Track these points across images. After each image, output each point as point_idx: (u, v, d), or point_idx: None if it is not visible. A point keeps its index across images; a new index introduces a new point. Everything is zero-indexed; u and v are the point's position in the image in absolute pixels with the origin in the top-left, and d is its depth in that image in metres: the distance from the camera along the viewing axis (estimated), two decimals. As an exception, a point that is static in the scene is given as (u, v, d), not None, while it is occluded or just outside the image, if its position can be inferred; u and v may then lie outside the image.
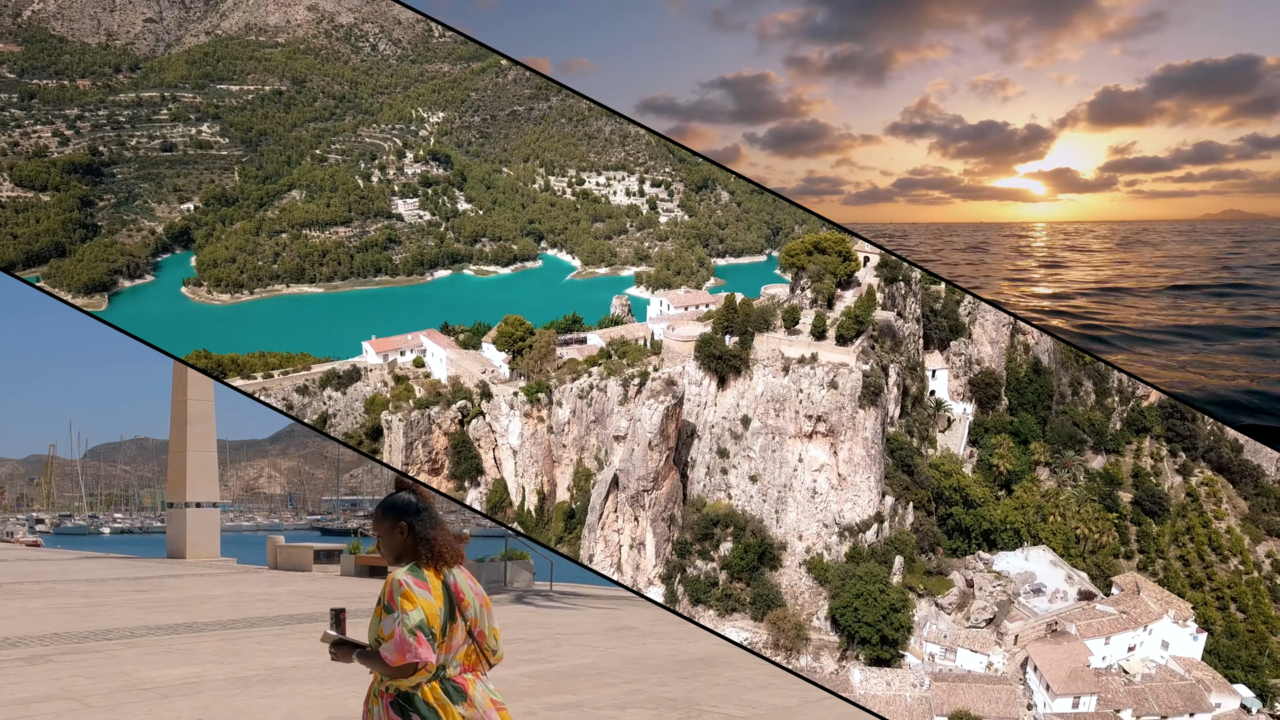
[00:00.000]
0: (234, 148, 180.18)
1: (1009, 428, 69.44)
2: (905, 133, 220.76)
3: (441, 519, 6.84)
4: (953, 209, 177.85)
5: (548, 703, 15.44)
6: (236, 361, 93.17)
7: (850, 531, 51.75)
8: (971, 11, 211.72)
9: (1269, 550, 69.67)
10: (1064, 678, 46.03)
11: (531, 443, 59.31)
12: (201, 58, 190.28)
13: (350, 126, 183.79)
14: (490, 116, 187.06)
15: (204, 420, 52.72)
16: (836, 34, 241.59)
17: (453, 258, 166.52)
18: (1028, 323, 71.75)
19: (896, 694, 47.08)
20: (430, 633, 6.45)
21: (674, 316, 71.61)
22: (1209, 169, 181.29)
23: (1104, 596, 52.00)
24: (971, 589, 51.35)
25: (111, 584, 37.16)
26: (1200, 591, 64.74)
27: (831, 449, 51.81)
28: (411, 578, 6.55)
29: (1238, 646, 52.47)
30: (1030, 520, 57.30)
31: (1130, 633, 48.95)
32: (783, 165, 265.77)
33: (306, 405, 66.41)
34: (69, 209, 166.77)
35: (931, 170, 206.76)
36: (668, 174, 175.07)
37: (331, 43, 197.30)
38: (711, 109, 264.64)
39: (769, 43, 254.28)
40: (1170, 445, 75.81)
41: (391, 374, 66.77)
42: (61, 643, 21.13)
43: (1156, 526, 69.16)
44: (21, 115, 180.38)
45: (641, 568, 53.22)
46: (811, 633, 50.57)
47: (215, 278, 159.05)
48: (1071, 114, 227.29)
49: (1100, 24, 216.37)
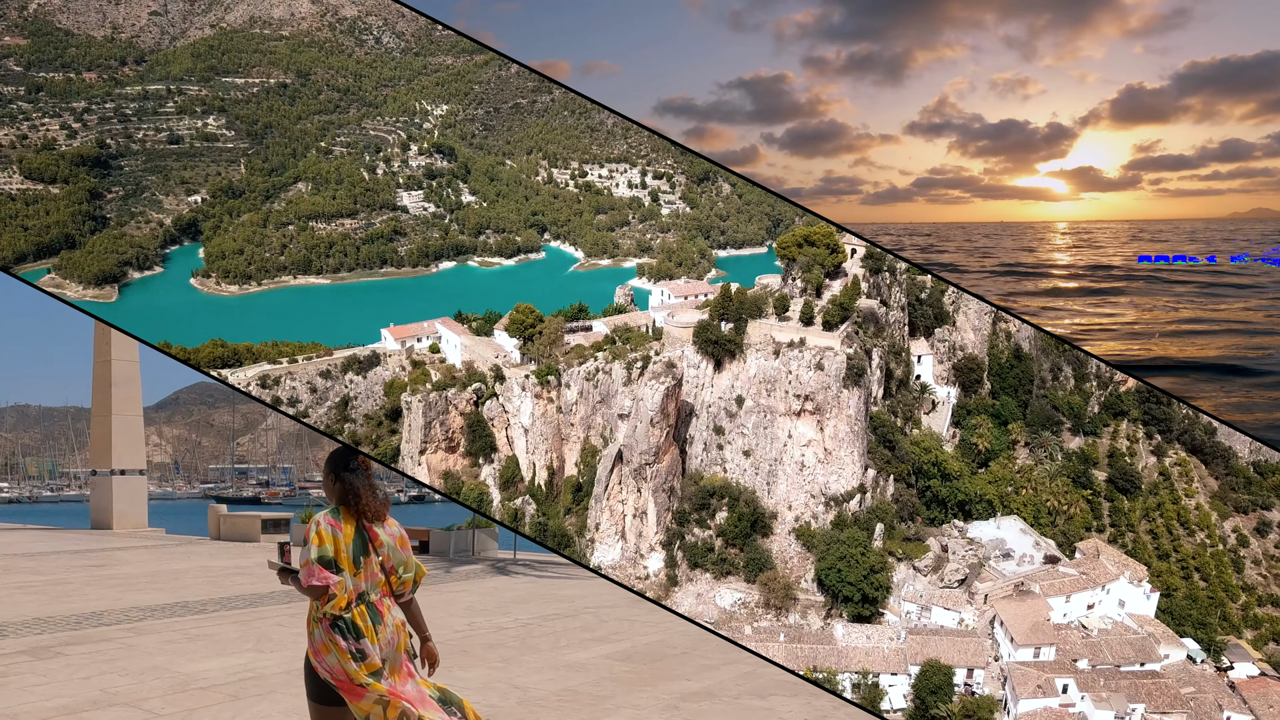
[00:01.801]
0: (240, 140, 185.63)
1: (990, 410, 75.36)
2: (924, 132, 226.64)
3: (372, 480, 8.40)
4: (973, 208, 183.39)
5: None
6: (251, 351, 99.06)
7: (835, 501, 57.69)
8: (990, 9, 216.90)
9: (1235, 525, 75.57)
10: (1026, 630, 51.96)
11: (542, 422, 65.27)
12: (206, 51, 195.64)
13: (355, 119, 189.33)
14: (494, 109, 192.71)
15: (129, 383, 50.67)
16: (854, 34, 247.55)
17: (457, 249, 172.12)
18: (1007, 311, 77.55)
19: (875, 646, 53.04)
20: (332, 564, 7.95)
21: (674, 305, 77.55)
22: (1236, 167, 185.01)
23: (1067, 560, 57.96)
24: (946, 553, 57.30)
25: (54, 558, 34.75)
26: (1166, 562, 70.68)
27: (818, 426, 57.73)
28: (328, 518, 8.13)
29: (1189, 606, 58.31)
30: (1004, 493, 63.23)
31: (1089, 592, 54.85)
32: (800, 165, 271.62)
33: (329, 388, 72.33)
34: (78, 201, 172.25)
35: (951, 169, 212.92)
36: (669, 166, 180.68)
37: (335, 35, 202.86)
38: (729, 109, 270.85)
39: (786, 43, 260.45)
40: (1146, 428, 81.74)
41: (409, 359, 72.75)
42: (55, 629, 19.49)
43: (1129, 503, 75.14)
44: (29, 108, 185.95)
45: (644, 535, 59.20)
46: (799, 593, 56.51)
47: (224, 269, 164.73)
48: (1094, 112, 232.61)
49: (1122, 21, 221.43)
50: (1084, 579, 55.02)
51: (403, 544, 8.43)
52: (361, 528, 8.20)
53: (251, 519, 45.08)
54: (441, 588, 28.57)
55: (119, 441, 49.43)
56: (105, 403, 49.61)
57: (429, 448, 65.60)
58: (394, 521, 8.58)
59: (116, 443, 49.28)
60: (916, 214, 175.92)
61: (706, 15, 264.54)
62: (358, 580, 8.09)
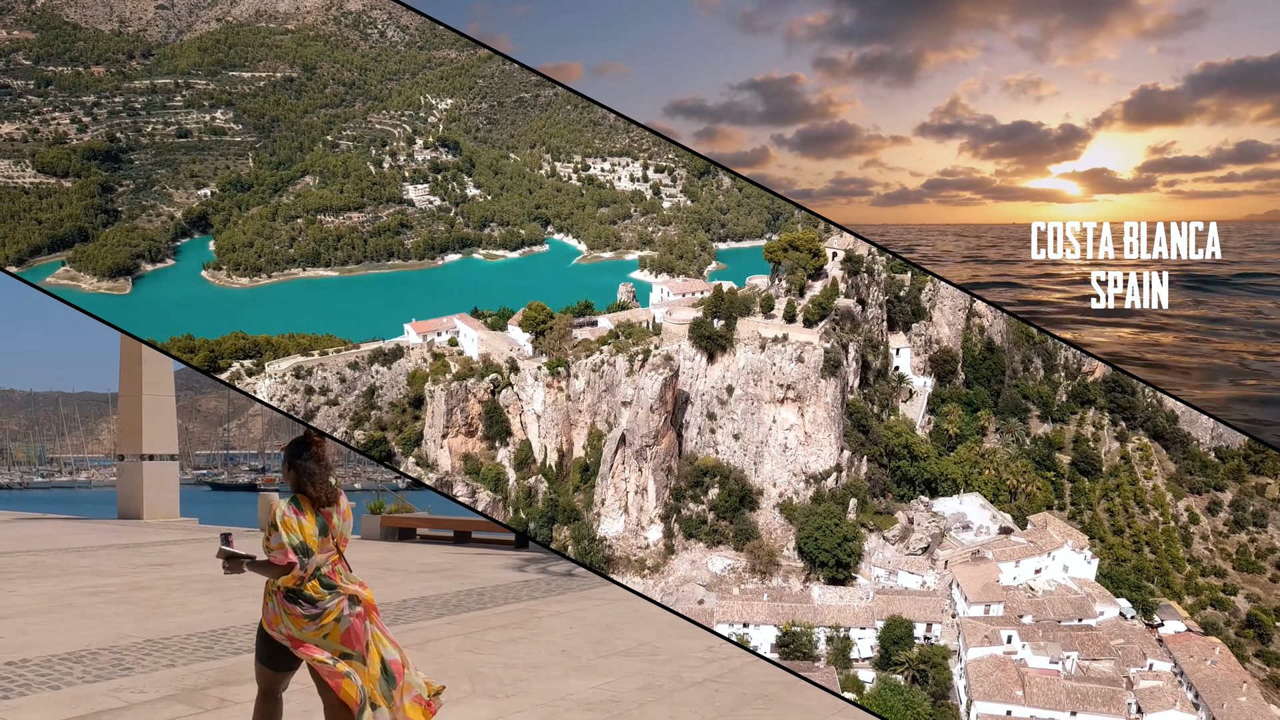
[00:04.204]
0: (247, 134, 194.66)
1: (964, 399, 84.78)
2: (935, 133, 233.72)
3: (327, 466, 9.31)
4: (984, 210, 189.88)
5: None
6: (270, 342, 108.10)
7: (814, 479, 67.13)
8: (1003, 11, 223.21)
9: (1188, 505, 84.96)
10: (978, 590, 61.31)
11: (552, 409, 74.79)
12: (213, 45, 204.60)
13: (360, 113, 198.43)
14: (498, 103, 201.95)
15: (160, 360, 48.21)
16: (865, 35, 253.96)
17: (462, 242, 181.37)
18: (980, 298, 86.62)
19: (847, 604, 62.38)
20: (305, 548, 8.94)
21: (672, 303, 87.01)
22: (1252, 168, 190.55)
23: (1019, 531, 67.46)
24: (912, 525, 66.83)
25: (104, 554, 30.91)
26: (1120, 537, 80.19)
27: (799, 412, 67.18)
28: (290, 508, 9.06)
29: (1130, 572, 67.80)
30: (967, 473, 72.73)
31: (1036, 558, 64.25)
32: (811, 166, 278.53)
33: (357, 378, 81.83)
34: (90, 195, 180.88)
35: (962, 171, 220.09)
36: (671, 160, 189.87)
37: (340, 29, 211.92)
38: (740, 111, 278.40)
39: (797, 45, 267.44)
40: (1111, 415, 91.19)
41: (430, 352, 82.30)
42: (185, 657, 15.71)
43: (1089, 484, 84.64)
44: (40, 102, 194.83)
45: (644, 509, 68.74)
46: (781, 559, 66.03)
47: (234, 261, 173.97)
48: (1107, 113, 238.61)
49: (1137, 22, 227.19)
50: (1032, 547, 64.52)
51: (347, 516, 9.50)
52: (319, 511, 9.15)
53: None
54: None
55: (150, 424, 46.51)
56: (135, 381, 46.34)
57: (450, 432, 75.13)
58: (342, 496, 9.57)
59: (148, 425, 46.39)
60: (927, 215, 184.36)
61: (717, 17, 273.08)
62: (318, 557, 9.13)
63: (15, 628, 18.52)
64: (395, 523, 37.43)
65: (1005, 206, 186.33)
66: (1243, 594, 76.07)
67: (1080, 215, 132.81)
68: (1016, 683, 53.86)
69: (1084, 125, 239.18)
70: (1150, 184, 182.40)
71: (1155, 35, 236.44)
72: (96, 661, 15.46)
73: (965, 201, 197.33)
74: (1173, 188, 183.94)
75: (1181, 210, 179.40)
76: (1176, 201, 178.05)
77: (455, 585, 25.12)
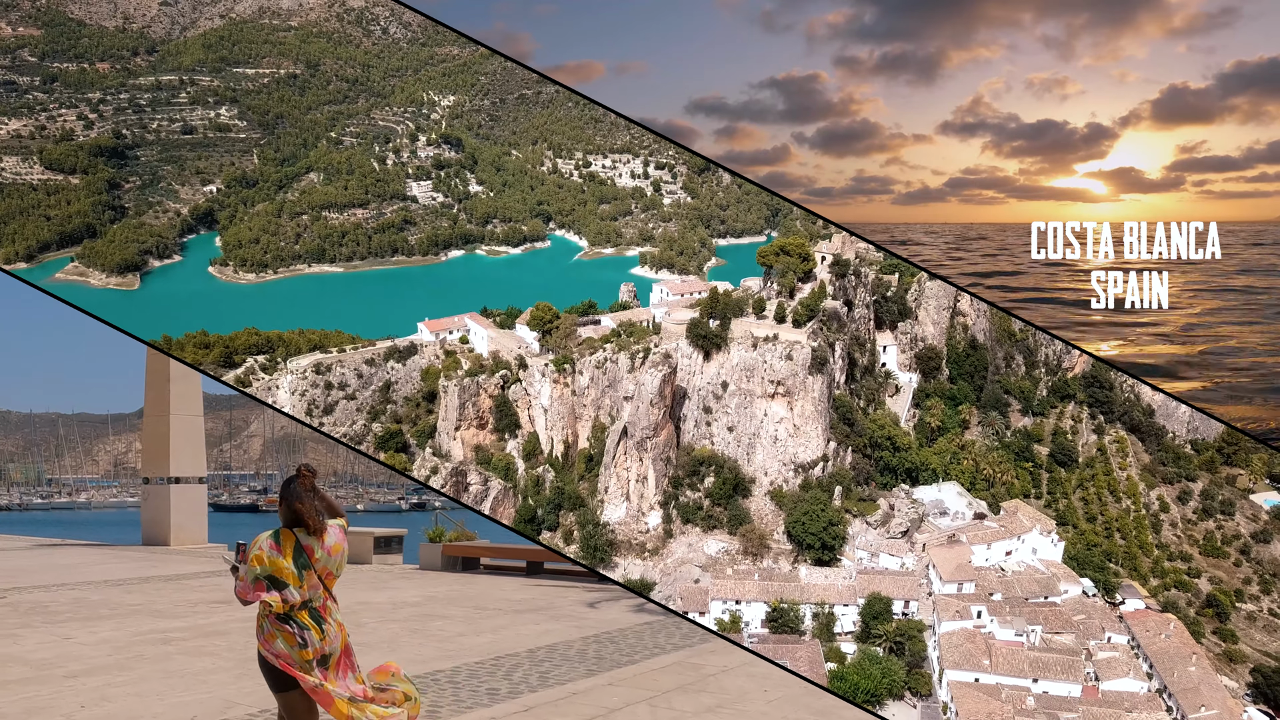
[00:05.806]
0: (252, 131, 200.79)
1: (947, 394, 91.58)
2: (958, 132, 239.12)
3: (322, 498, 9.99)
4: (1008, 209, 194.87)
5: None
6: (283, 338, 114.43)
7: (803, 468, 73.94)
8: (1027, 9, 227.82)
9: (1159, 494, 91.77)
10: (952, 570, 68.19)
11: (559, 403, 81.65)
12: (217, 41, 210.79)
13: (364, 109, 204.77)
14: (499, 100, 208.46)
15: (188, 377, 46.77)
16: (886, 34, 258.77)
17: (465, 238, 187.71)
18: (966, 291, 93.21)
19: (831, 583, 69.14)
20: (272, 581, 9.51)
21: (671, 303, 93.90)
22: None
23: (992, 516, 74.36)
24: (893, 511, 73.71)
25: (151, 589, 29.48)
26: (1092, 524, 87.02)
27: (789, 406, 74.00)
28: (268, 542, 9.65)
29: (1093, 554, 74.64)
30: (946, 464, 79.57)
31: (1007, 541, 71.11)
32: (832, 165, 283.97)
33: (374, 374, 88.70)
34: (97, 191, 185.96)
35: (985, 169, 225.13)
36: (671, 157, 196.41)
37: (343, 26, 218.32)
38: (761, 109, 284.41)
39: (818, 43, 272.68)
40: (1090, 410, 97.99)
41: (443, 349, 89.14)
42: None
43: (1065, 474, 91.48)
44: (46, 99, 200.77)
45: (645, 496, 75.64)
46: (772, 543, 72.91)
47: (240, 258, 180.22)
48: (1134, 112, 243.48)
49: (1165, 20, 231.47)
50: (1003, 530, 71.38)
51: (335, 551, 9.88)
52: (300, 547, 9.63)
53: (363, 536, 39.06)
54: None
55: (178, 444, 45.05)
56: (161, 400, 45.04)
57: (462, 425, 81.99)
58: (334, 530, 9.94)
59: (176, 446, 44.87)
60: (949, 214, 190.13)
61: (738, 16, 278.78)
62: (302, 591, 9.55)
63: (95, 692, 15.93)
64: (458, 551, 36.03)
65: (1029, 205, 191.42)
66: (1206, 577, 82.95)
67: (1107, 215, 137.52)
68: (984, 653, 60.77)
69: (1111, 124, 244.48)
70: (1179, 184, 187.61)
71: (1184, 34, 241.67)
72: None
73: (988, 200, 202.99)
74: (1202, 187, 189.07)
75: (1212, 210, 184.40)
76: (1206, 201, 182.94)
77: (573, 629, 23.25)
